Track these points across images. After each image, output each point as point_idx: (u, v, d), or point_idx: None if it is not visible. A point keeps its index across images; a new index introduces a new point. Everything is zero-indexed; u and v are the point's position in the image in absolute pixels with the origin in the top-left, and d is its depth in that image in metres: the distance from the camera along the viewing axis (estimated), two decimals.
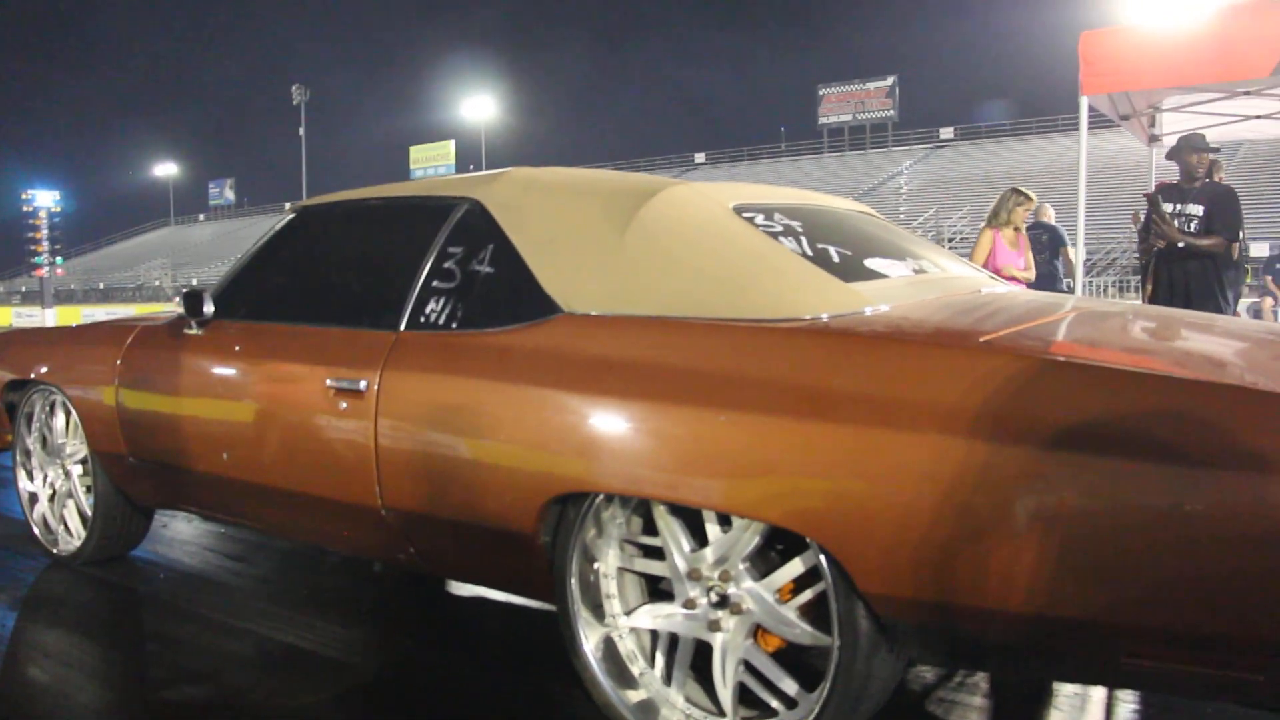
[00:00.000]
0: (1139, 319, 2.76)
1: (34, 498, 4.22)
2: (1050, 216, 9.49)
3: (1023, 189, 7.52)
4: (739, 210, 2.75)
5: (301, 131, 64.93)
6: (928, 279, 2.89)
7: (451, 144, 66.75)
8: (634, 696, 2.48)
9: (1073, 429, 1.84)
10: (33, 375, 4.05)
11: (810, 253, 2.63)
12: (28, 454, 4.22)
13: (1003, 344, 2.11)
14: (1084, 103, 7.07)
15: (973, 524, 1.90)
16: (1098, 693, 2.80)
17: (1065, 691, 2.81)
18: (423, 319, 2.81)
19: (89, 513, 3.99)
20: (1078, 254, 7.56)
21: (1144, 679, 2.01)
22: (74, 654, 3.26)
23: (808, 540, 2.13)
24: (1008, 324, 2.37)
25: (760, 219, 2.74)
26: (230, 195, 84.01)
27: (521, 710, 2.78)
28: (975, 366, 2.00)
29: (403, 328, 2.84)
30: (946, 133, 58.03)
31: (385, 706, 2.83)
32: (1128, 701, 2.77)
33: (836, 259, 2.66)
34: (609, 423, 2.33)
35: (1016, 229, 7.42)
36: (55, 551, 4.13)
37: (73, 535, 4.10)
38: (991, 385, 1.93)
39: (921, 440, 1.94)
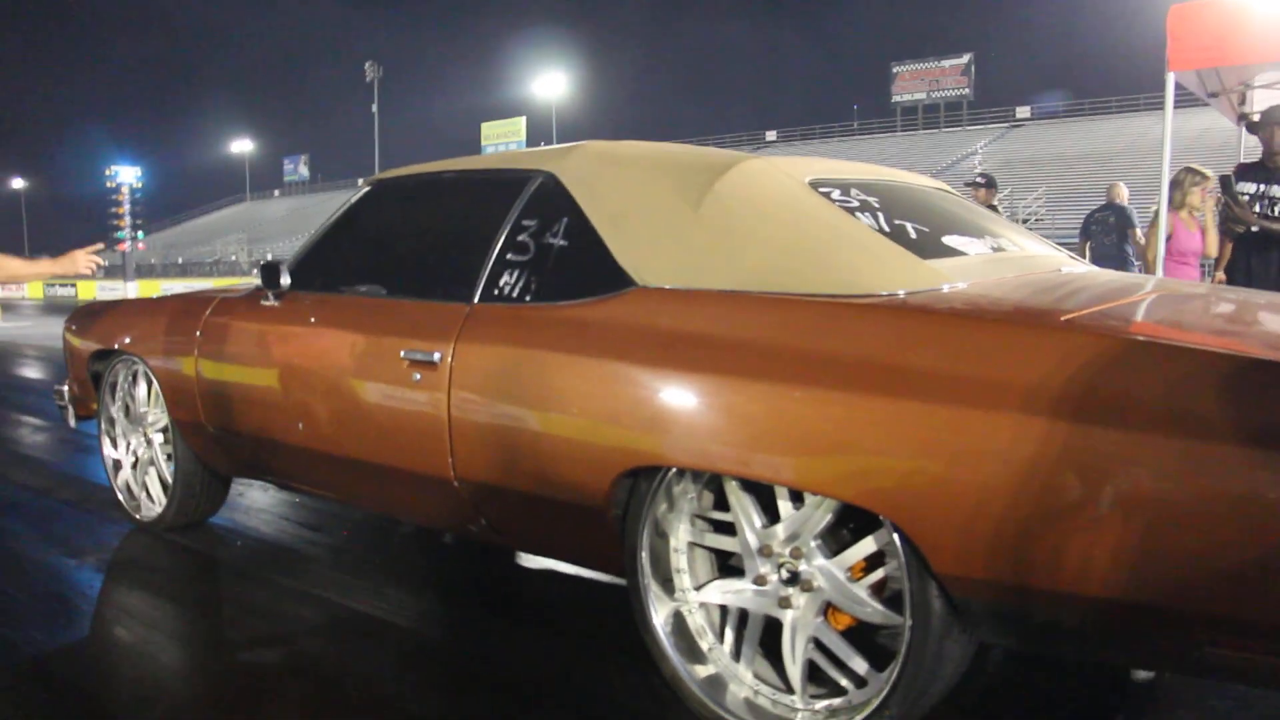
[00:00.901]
0: (1222, 300, 2.70)
1: (118, 465, 4.32)
2: (1124, 197, 9.25)
3: (1197, 167, 7.21)
4: (815, 185, 2.73)
5: (374, 108, 65.54)
6: (1006, 257, 2.84)
7: (523, 120, 66.89)
8: (702, 671, 2.49)
9: (1155, 411, 1.80)
10: (116, 345, 4.13)
11: (887, 229, 2.59)
12: (111, 422, 4.32)
13: (1085, 323, 2.07)
14: (1171, 79, 6.87)
15: (1050, 505, 1.87)
16: (1170, 680, 2.75)
17: (1139, 678, 2.76)
18: (496, 291, 2.83)
19: (169, 480, 4.08)
20: (1159, 236, 7.38)
21: (1226, 669, 1.96)
22: (156, 616, 3.34)
23: (881, 519, 2.11)
24: (1089, 303, 2.33)
25: (836, 194, 2.71)
26: (305, 171, 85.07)
27: (590, 682, 2.79)
28: (1057, 346, 1.96)
29: (477, 300, 2.86)
30: (1023, 112, 57.05)
31: (455, 675, 2.86)
32: (1200, 690, 2.71)
33: (914, 235, 2.62)
34: (682, 397, 2.33)
35: (1193, 210, 7.15)
36: (138, 517, 4.23)
37: (154, 502, 4.19)
38: (1073, 365, 1.90)
39: (1000, 420, 1.91)
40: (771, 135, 64.78)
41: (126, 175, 39.93)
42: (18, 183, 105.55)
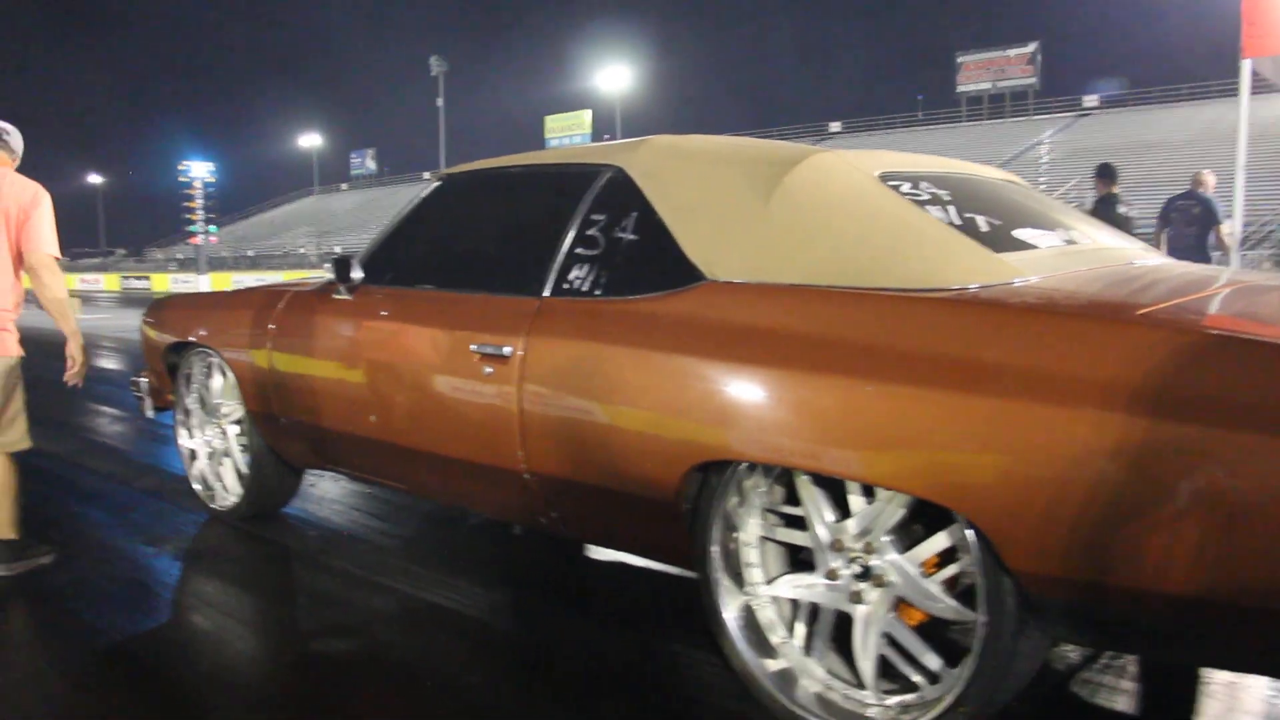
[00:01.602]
0: None
1: (193, 455, 4.41)
2: (1210, 186, 8.86)
3: None
4: (885, 178, 2.71)
5: (440, 102, 65.86)
6: (1079, 250, 2.80)
7: (587, 114, 66.94)
8: (773, 665, 2.49)
9: (1234, 406, 1.77)
10: (191, 338, 4.21)
11: (958, 222, 2.57)
12: (187, 413, 4.40)
13: (1162, 317, 2.03)
14: (1245, 66, 6.74)
15: (1128, 502, 1.85)
16: (1250, 680, 2.71)
17: (1217, 679, 2.72)
18: (566, 285, 2.84)
19: (244, 471, 4.15)
20: (1235, 226, 7.20)
21: None
22: (231, 604, 3.41)
23: (954, 514, 2.10)
24: (1166, 296, 2.29)
25: (907, 187, 2.69)
26: (372, 165, 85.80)
27: (660, 674, 2.81)
28: (1133, 340, 1.93)
29: (547, 294, 2.88)
30: (1090, 100, 56.08)
31: (525, 667, 2.89)
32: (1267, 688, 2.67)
33: (985, 228, 2.60)
34: (753, 391, 2.33)
35: None
36: (213, 507, 4.32)
37: (229, 492, 4.27)
38: (1150, 360, 1.87)
39: (1075, 415, 1.89)
40: (836, 127, 64.18)
41: (199, 170, 40.65)
42: (95, 178, 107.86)
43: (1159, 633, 1.98)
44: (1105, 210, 8.16)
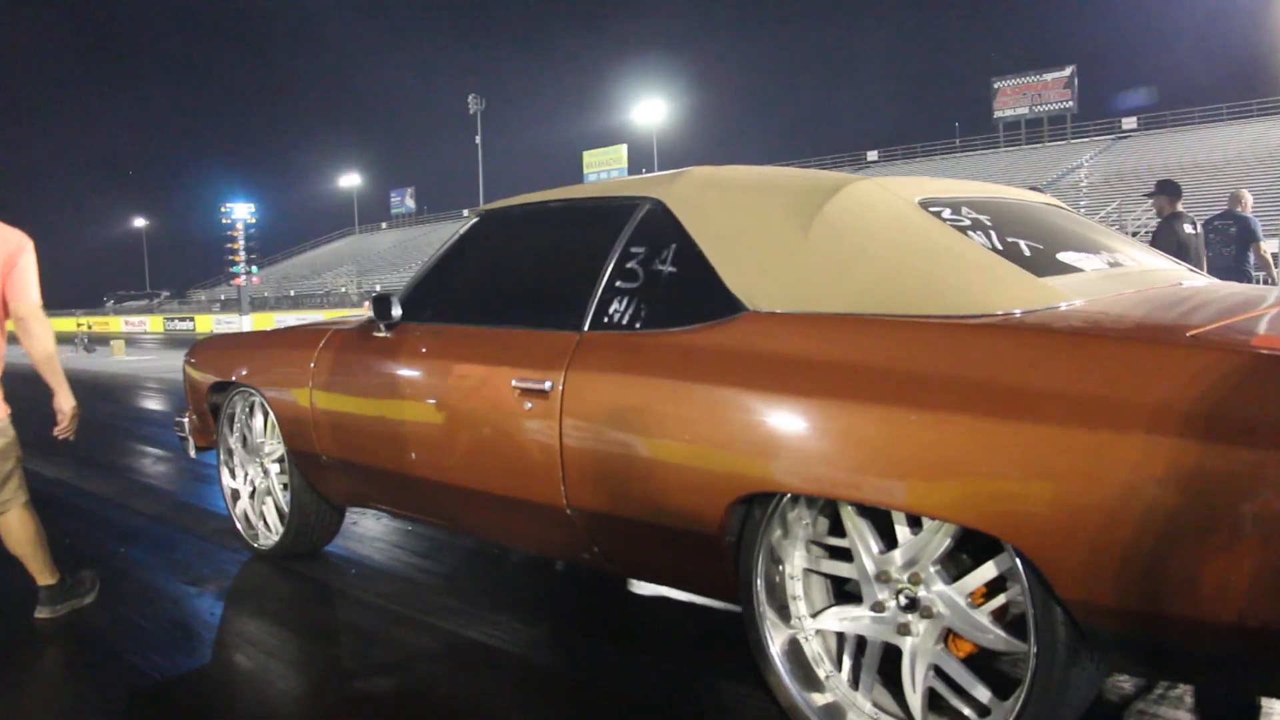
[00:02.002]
0: None
1: (235, 494, 4.43)
2: (1248, 205, 8.73)
3: None
4: (925, 204, 2.69)
5: (478, 139, 66.52)
6: (1123, 272, 2.77)
7: (624, 148, 67.39)
8: (820, 699, 2.45)
9: None
10: (234, 378, 4.24)
11: (1000, 247, 2.55)
12: (230, 453, 4.43)
13: (1212, 339, 1.99)
14: None
15: (1180, 528, 1.80)
16: None
17: (1277, 709, 2.65)
18: (606, 319, 2.84)
19: (286, 509, 4.16)
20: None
21: None
22: (274, 643, 3.41)
23: (1003, 543, 2.06)
24: (1215, 318, 2.24)
25: (948, 213, 2.67)
26: (411, 204, 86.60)
27: (704, 710, 2.77)
28: (1183, 363, 1.89)
29: (586, 328, 2.87)
30: (1129, 123, 55.81)
31: (567, 702, 2.86)
32: None
33: (1028, 253, 2.57)
34: (796, 422, 2.30)
35: None
36: (255, 545, 4.33)
37: (271, 530, 4.29)
38: (1202, 383, 1.83)
39: (1125, 441, 1.85)
40: (873, 155, 64.24)
41: (240, 212, 41.21)
42: (139, 221, 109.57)
43: (1215, 661, 1.93)
44: (1170, 230, 8.00)
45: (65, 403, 3.61)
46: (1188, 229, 8.07)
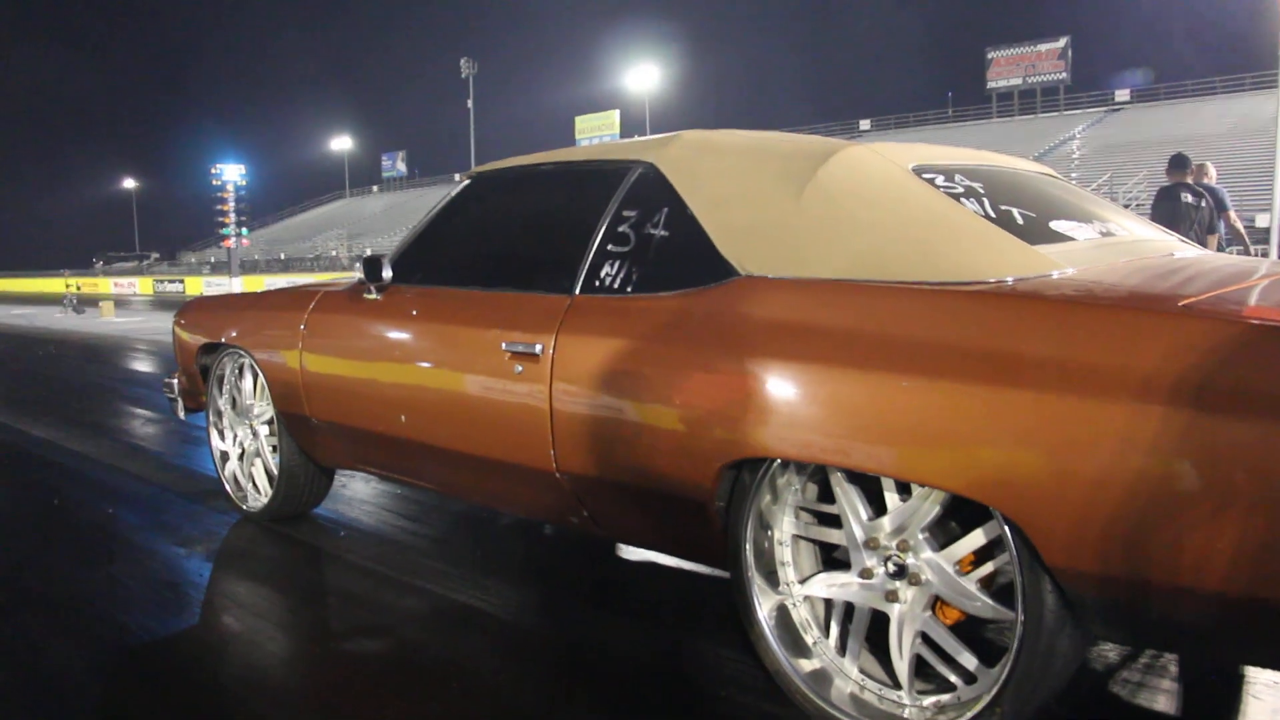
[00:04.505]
0: None
1: (225, 456, 4.42)
2: (1212, 177, 8.76)
3: None
4: (919, 171, 2.68)
5: (470, 103, 66.06)
6: (1116, 242, 2.76)
7: (616, 114, 67.10)
8: (807, 665, 2.46)
9: (1278, 398, 1.73)
10: (223, 339, 4.23)
11: (993, 214, 2.53)
12: (219, 414, 4.42)
13: (1204, 309, 1.98)
14: None
15: (1169, 496, 1.80)
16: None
17: (1260, 678, 2.67)
18: (598, 283, 2.82)
19: (275, 471, 4.15)
20: (1274, 218, 7.11)
21: None
22: (263, 605, 3.41)
23: (991, 511, 2.07)
24: (1207, 288, 2.24)
25: (941, 180, 2.65)
26: (402, 167, 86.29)
27: (692, 675, 2.78)
28: (1174, 332, 1.89)
29: (578, 291, 2.86)
30: (1122, 95, 55.71)
31: (554, 666, 2.87)
32: None
33: (1020, 221, 2.56)
34: (787, 388, 2.30)
35: None
36: (244, 507, 4.33)
37: (260, 492, 4.28)
38: (1193, 352, 1.83)
39: (1115, 409, 1.85)
40: (865, 124, 64.09)
41: (231, 173, 40.93)
42: (129, 183, 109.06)
43: (1201, 631, 1.93)
44: (1168, 197, 8.09)
45: None
46: (1187, 198, 8.10)
